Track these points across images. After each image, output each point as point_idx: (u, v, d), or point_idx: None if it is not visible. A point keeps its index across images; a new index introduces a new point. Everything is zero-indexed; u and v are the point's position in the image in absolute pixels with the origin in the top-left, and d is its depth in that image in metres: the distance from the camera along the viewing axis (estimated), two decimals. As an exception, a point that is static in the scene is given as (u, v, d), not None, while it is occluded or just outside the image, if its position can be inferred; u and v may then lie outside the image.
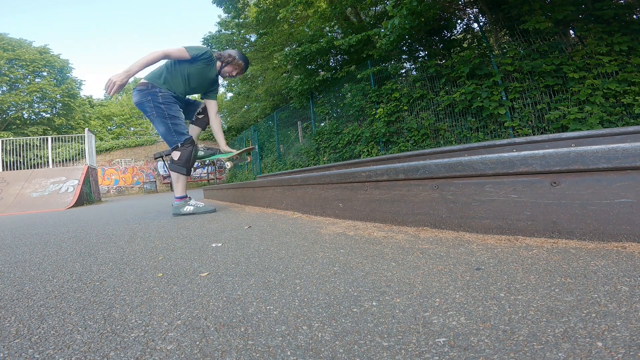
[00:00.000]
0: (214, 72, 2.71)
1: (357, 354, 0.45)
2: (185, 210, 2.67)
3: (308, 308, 0.62)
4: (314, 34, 9.62)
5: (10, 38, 21.72)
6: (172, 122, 2.55)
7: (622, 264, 0.70)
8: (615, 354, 0.40)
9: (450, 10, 7.47)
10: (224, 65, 2.70)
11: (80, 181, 8.19)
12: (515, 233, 1.00)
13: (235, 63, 2.69)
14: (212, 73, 2.70)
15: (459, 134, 6.19)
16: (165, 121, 2.54)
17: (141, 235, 1.73)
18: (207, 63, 2.61)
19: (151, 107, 2.51)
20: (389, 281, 0.73)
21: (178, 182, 2.69)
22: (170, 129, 2.55)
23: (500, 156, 1.01)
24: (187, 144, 2.60)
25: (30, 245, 1.70)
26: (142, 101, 2.52)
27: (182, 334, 0.55)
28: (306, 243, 1.20)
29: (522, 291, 0.61)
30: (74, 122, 23.26)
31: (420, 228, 1.24)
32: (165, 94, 2.53)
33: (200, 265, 1.01)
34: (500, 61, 5.78)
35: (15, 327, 0.64)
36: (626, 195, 0.81)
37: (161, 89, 2.52)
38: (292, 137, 11.36)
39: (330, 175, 1.74)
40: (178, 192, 2.70)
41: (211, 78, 2.73)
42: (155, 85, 2.51)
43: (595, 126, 4.48)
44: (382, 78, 7.75)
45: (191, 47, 2.52)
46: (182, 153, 2.59)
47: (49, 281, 0.95)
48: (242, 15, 13.21)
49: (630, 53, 4.70)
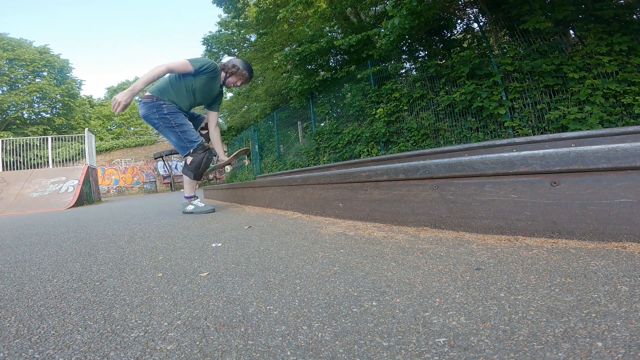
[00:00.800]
0: (218, 83, 2.69)
1: (357, 354, 0.45)
2: (187, 208, 2.73)
3: (308, 308, 0.62)
4: (314, 34, 9.61)
5: (10, 38, 21.73)
6: (180, 130, 2.56)
7: (622, 264, 0.70)
8: (615, 354, 0.40)
9: (450, 10, 7.47)
10: (228, 75, 2.67)
11: (80, 181, 8.19)
12: (515, 233, 1.00)
13: (240, 73, 2.66)
14: (217, 85, 2.68)
15: (459, 134, 6.19)
16: (174, 130, 2.55)
17: (141, 235, 1.73)
18: (212, 75, 2.58)
19: (157, 119, 2.53)
20: (389, 281, 0.73)
21: (187, 184, 2.75)
22: (181, 137, 2.57)
23: (500, 156, 1.01)
24: (200, 150, 2.59)
25: (30, 245, 1.70)
26: (148, 114, 2.54)
27: (182, 334, 0.55)
28: (306, 243, 1.20)
29: (522, 291, 0.61)
30: (74, 122, 23.28)
31: (420, 228, 1.24)
32: (170, 106, 2.54)
33: (200, 265, 1.01)
34: (500, 61, 5.78)
35: (15, 327, 0.64)
36: (626, 195, 0.81)
37: (165, 102, 2.53)
38: (292, 137, 11.36)
39: (330, 175, 1.74)
40: (186, 192, 2.78)
41: (216, 90, 2.71)
42: (160, 98, 2.53)
43: (595, 126, 4.48)
44: (382, 78, 7.75)
45: (194, 60, 2.49)
46: (194, 159, 2.60)
47: (49, 281, 0.95)
48: (242, 15, 13.21)
49: (630, 53, 4.70)
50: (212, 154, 2.71)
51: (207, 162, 2.64)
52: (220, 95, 2.82)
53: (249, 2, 12.88)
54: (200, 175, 2.68)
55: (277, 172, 8.89)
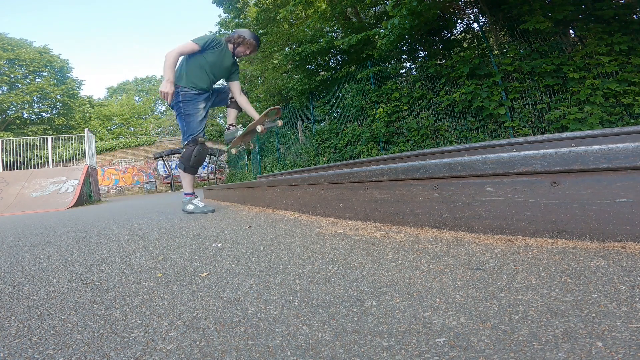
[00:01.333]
0: (229, 55, 2.75)
1: (357, 354, 0.45)
2: (187, 208, 2.73)
3: (308, 308, 0.62)
4: (314, 34, 9.61)
5: (10, 38, 21.72)
6: (185, 121, 2.63)
7: (622, 264, 0.70)
8: (615, 354, 0.40)
9: (450, 10, 7.47)
10: (236, 46, 2.73)
11: (80, 181, 8.19)
12: (515, 233, 1.00)
13: (247, 42, 2.72)
14: (228, 56, 2.75)
15: (459, 134, 6.19)
16: (181, 119, 2.65)
17: (141, 235, 1.73)
18: (218, 48, 2.65)
19: (175, 105, 2.64)
20: (389, 281, 0.73)
21: (183, 180, 2.78)
22: (183, 127, 2.66)
23: (500, 156, 1.01)
24: (190, 144, 2.64)
25: (30, 245, 1.70)
26: (172, 102, 2.64)
27: (182, 334, 0.55)
28: (306, 243, 1.20)
29: (522, 291, 0.61)
30: (74, 122, 23.27)
31: (420, 228, 1.24)
32: (187, 92, 2.61)
33: (200, 265, 1.01)
34: (500, 61, 5.78)
35: (15, 327, 0.64)
36: (626, 195, 0.81)
37: (182, 88, 2.60)
38: (292, 137, 11.36)
39: (330, 175, 1.74)
40: (184, 188, 2.79)
41: (229, 61, 2.77)
42: (178, 85, 2.60)
43: (595, 126, 4.48)
44: (382, 78, 7.75)
45: (198, 38, 2.59)
46: (185, 151, 2.66)
47: (49, 281, 0.95)
48: (242, 15, 13.18)
49: (630, 53, 4.70)
50: (205, 149, 2.72)
51: (198, 156, 2.65)
52: (235, 66, 2.88)
53: (249, 2, 12.86)
54: (192, 168, 2.70)
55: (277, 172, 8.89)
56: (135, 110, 32.80)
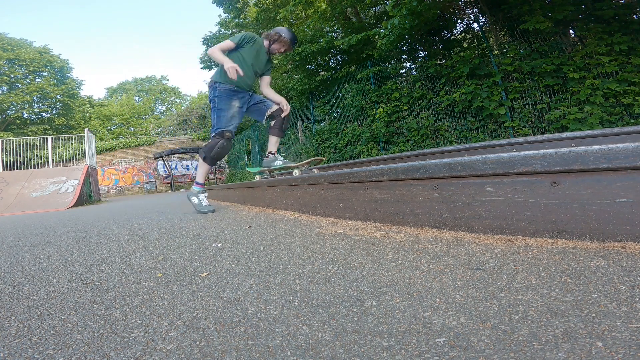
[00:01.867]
0: (264, 51, 2.81)
1: (357, 354, 0.45)
2: (192, 199, 2.76)
3: (308, 308, 0.62)
4: (314, 34, 9.60)
5: (10, 38, 21.69)
6: (217, 115, 2.69)
7: (622, 264, 0.70)
8: (615, 354, 0.40)
9: (450, 10, 7.46)
10: (271, 43, 2.78)
11: (80, 181, 8.19)
12: (515, 233, 1.00)
13: (282, 40, 2.75)
14: (263, 52, 2.80)
15: (459, 134, 6.19)
16: (214, 112, 2.72)
17: (141, 235, 1.73)
18: (252, 43, 2.72)
19: (211, 99, 2.74)
20: (389, 281, 0.73)
21: (199, 168, 2.80)
22: (214, 120, 2.72)
23: (500, 156, 1.01)
24: (217, 137, 2.67)
25: (30, 245, 1.70)
26: (209, 95, 2.75)
27: (182, 334, 0.55)
28: (306, 243, 1.20)
29: (522, 291, 0.61)
30: (74, 122, 23.25)
31: (420, 228, 1.24)
32: (223, 88, 2.68)
33: (200, 265, 1.01)
34: (500, 61, 5.78)
35: (15, 327, 0.64)
36: (626, 195, 0.81)
37: (220, 84, 2.68)
38: (292, 137, 11.36)
39: (330, 175, 1.74)
40: (198, 177, 2.81)
41: (264, 57, 2.83)
42: (216, 81, 2.70)
43: (595, 126, 4.48)
44: (382, 78, 7.75)
45: (234, 37, 2.72)
46: (211, 142, 2.69)
47: (49, 281, 0.95)
48: (242, 15, 13.19)
49: (630, 53, 4.70)
50: (229, 145, 2.74)
51: (221, 149, 2.66)
52: (269, 63, 2.94)
53: (249, 2, 12.86)
54: (211, 159, 2.70)
55: (277, 172, 8.86)
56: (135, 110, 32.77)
